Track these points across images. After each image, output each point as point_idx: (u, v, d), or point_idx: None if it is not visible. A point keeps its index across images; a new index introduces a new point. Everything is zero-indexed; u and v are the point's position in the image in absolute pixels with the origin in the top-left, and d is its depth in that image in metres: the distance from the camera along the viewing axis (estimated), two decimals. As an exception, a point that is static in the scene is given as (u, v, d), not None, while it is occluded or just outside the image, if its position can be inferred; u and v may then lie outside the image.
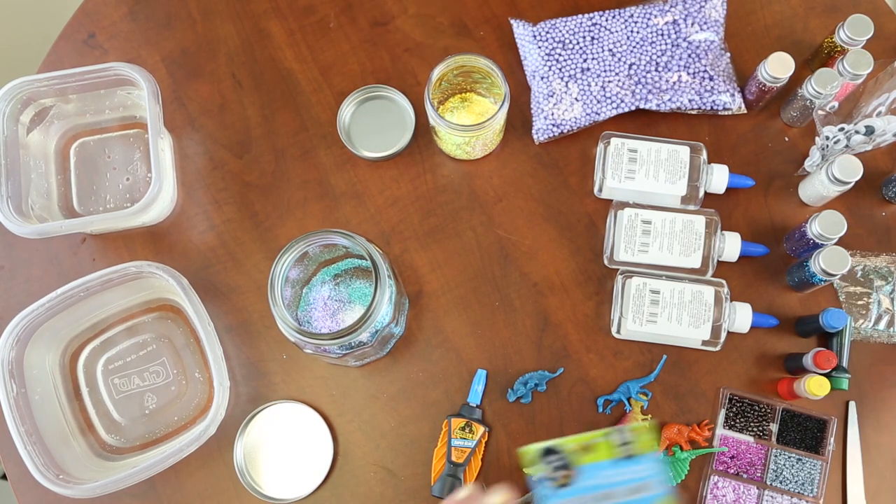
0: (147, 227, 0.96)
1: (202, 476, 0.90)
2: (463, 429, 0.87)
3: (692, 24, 0.96)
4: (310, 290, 0.90)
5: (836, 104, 0.89)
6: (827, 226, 0.84)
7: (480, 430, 0.88)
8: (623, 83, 0.95)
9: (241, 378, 0.92)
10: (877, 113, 0.89)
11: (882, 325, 0.90)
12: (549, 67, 0.96)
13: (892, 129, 0.89)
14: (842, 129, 0.88)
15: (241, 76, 1.00)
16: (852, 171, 0.85)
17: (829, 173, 0.86)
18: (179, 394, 0.92)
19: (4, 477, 1.32)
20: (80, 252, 0.96)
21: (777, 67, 0.89)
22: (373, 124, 0.97)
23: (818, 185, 0.89)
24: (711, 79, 0.94)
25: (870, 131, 0.88)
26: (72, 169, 0.98)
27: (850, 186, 0.86)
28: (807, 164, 0.92)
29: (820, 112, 0.90)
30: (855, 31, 0.89)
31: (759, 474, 0.87)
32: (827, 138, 0.89)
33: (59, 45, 1.02)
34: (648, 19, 0.96)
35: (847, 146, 0.90)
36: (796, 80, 0.92)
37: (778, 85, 0.90)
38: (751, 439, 0.88)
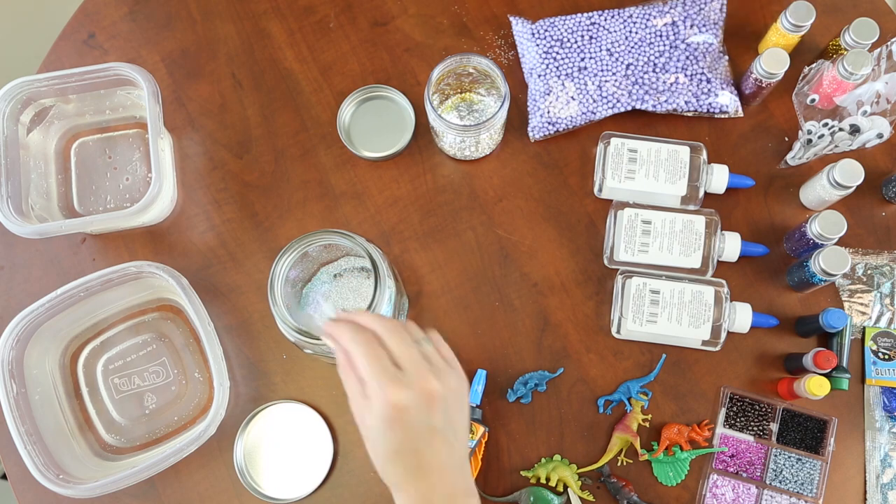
0: (147, 227, 0.96)
1: (202, 476, 0.90)
2: (463, 429, 0.87)
3: (691, 26, 0.96)
4: (310, 290, 0.90)
5: (815, 97, 0.89)
6: (827, 226, 0.84)
7: (480, 430, 0.87)
8: (620, 83, 0.95)
9: (241, 378, 0.92)
10: (862, 111, 0.88)
11: (883, 322, 0.90)
12: (547, 65, 0.96)
13: (876, 129, 0.89)
14: (826, 125, 0.88)
15: (241, 76, 1.00)
16: (853, 175, 0.85)
17: (831, 177, 0.86)
18: (179, 394, 0.92)
19: (4, 477, 1.32)
20: (80, 252, 0.96)
21: (772, 63, 0.89)
22: (373, 124, 0.98)
23: (819, 190, 0.89)
24: (709, 81, 0.94)
25: (854, 130, 0.88)
26: (72, 169, 0.98)
27: (851, 190, 0.86)
28: (789, 157, 0.92)
29: (800, 102, 0.89)
30: (860, 34, 0.89)
31: (758, 474, 0.87)
32: (809, 132, 0.89)
33: (59, 45, 1.02)
34: (647, 20, 0.96)
35: (831, 142, 0.90)
36: (792, 79, 0.92)
37: (773, 80, 0.90)
38: (751, 438, 0.88)
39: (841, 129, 0.89)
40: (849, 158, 0.86)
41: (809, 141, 0.90)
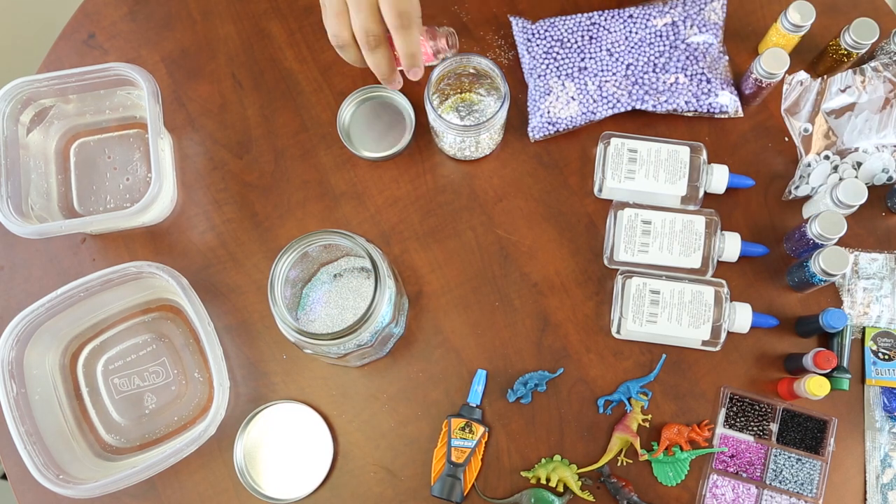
0: (147, 227, 0.96)
1: (202, 476, 0.90)
2: (463, 429, 0.88)
3: (691, 27, 0.96)
4: (310, 290, 0.90)
5: (809, 126, 0.90)
6: (827, 226, 0.84)
7: (480, 430, 0.88)
8: (620, 83, 0.95)
9: (241, 378, 0.92)
10: (866, 150, 0.89)
11: (883, 322, 0.90)
12: (547, 65, 0.96)
13: (883, 164, 0.89)
14: (827, 158, 0.88)
15: (241, 76, 1.00)
16: (857, 194, 0.84)
17: (835, 197, 0.85)
18: (179, 394, 0.92)
19: (4, 477, 1.32)
20: (80, 252, 0.96)
21: (772, 63, 0.89)
22: (373, 124, 0.98)
23: (823, 209, 0.88)
24: (709, 81, 0.94)
25: (859, 166, 0.89)
26: (72, 169, 0.98)
27: (855, 209, 0.86)
28: (792, 187, 0.92)
29: (794, 128, 0.90)
30: (860, 34, 0.89)
31: (758, 474, 0.87)
32: (808, 165, 0.89)
33: (59, 45, 1.02)
34: (647, 20, 0.96)
35: (835, 172, 0.90)
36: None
37: (773, 80, 0.90)
38: (751, 438, 0.88)
39: (844, 164, 0.90)
40: (852, 179, 0.85)
41: (809, 174, 0.90)
